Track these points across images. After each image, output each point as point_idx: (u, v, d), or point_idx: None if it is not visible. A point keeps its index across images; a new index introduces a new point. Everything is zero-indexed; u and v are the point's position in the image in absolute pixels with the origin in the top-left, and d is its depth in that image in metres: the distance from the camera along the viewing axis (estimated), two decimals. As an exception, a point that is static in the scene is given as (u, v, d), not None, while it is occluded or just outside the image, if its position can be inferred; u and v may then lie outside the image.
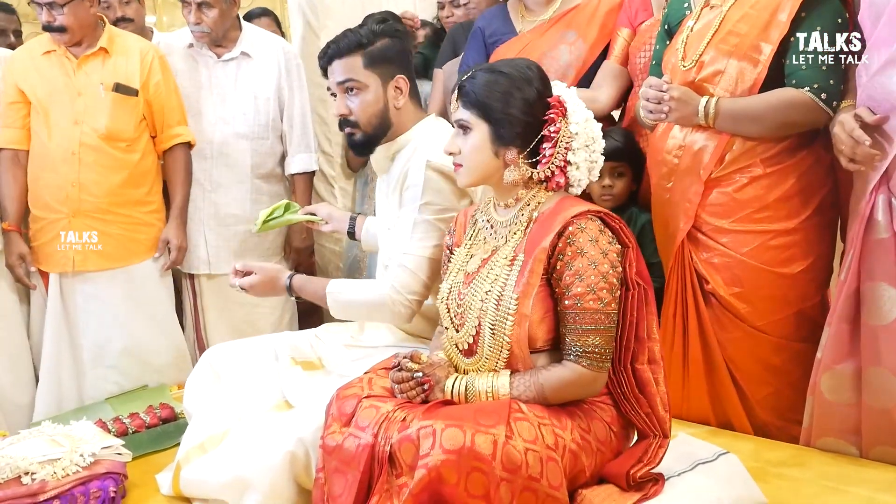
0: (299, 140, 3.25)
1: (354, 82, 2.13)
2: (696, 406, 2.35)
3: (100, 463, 2.05)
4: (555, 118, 1.73)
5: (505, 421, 1.55)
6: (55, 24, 2.77)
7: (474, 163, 1.76)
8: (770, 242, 2.24)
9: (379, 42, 2.14)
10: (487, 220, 1.85)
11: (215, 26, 3.06)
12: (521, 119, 1.72)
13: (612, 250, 1.68)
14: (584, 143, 1.74)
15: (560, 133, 1.72)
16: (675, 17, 2.42)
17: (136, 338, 2.95)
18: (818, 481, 1.97)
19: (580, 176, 1.76)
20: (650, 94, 2.23)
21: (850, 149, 1.94)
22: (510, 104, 1.72)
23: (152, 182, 3.00)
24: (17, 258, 2.84)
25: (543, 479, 1.54)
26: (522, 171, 1.76)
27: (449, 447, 1.49)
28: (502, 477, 1.50)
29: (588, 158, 1.75)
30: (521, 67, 1.76)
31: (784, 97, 2.15)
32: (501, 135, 1.73)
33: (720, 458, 1.87)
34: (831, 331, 2.08)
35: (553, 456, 1.58)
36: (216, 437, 1.99)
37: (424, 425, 1.54)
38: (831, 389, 2.10)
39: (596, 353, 1.66)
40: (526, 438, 1.56)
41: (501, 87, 1.72)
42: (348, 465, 1.65)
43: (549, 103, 1.74)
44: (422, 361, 1.74)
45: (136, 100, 2.91)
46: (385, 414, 1.66)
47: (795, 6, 2.14)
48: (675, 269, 2.34)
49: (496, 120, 1.72)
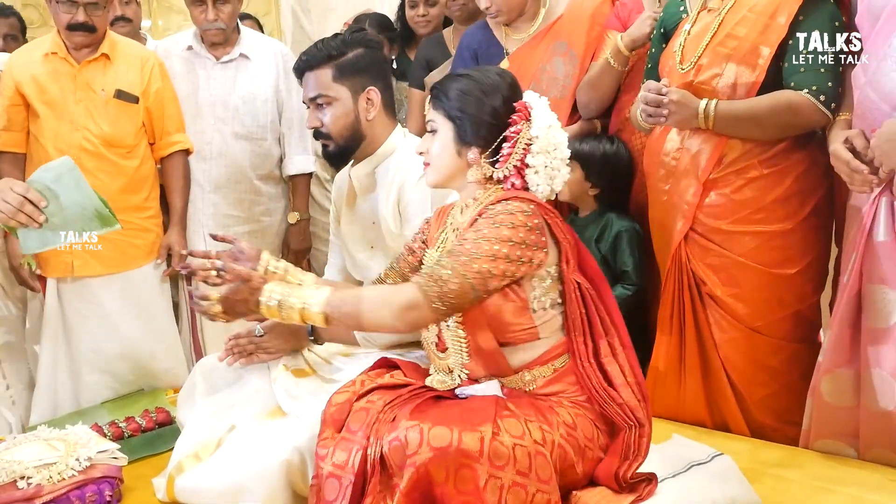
0: (297, 142, 3.26)
1: (324, 97, 2.15)
2: (692, 407, 2.35)
3: (95, 467, 2.04)
4: (517, 121, 1.77)
5: (492, 419, 1.56)
6: (89, 23, 2.76)
7: (440, 162, 1.81)
8: (767, 243, 2.24)
9: (350, 52, 2.16)
10: (452, 223, 1.88)
11: (230, 21, 3.08)
12: (484, 120, 1.77)
13: (521, 228, 1.67)
14: (544, 147, 1.76)
15: (520, 134, 1.76)
16: (671, 20, 2.42)
17: (133, 343, 2.93)
18: (812, 482, 1.97)
19: (538, 181, 1.77)
20: (649, 98, 2.23)
21: (848, 177, 1.96)
22: (473, 105, 1.77)
23: (150, 188, 3.00)
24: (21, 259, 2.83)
25: (532, 474, 1.56)
26: (484, 170, 1.79)
27: (436, 445, 1.50)
28: (490, 473, 1.51)
29: (547, 164, 1.77)
30: (490, 73, 1.82)
31: (783, 99, 2.16)
32: (464, 134, 1.78)
33: (714, 459, 1.87)
34: (832, 334, 2.07)
35: (541, 450, 1.59)
36: (210, 445, 1.98)
37: (412, 425, 1.54)
38: (832, 392, 2.10)
39: (436, 281, 1.62)
40: (513, 434, 1.57)
41: (467, 88, 1.78)
42: (342, 469, 1.66)
43: (514, 108, 1.79)
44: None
45: (136, 107, 2.90)
46: (375, 415, 1.67)
47: (794, 9, 2.14)
48: (673, 270, 2.35)
49: (459, 119, 1.78)
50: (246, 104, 3.16)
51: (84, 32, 2.78)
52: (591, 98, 2.73)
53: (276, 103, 3.21)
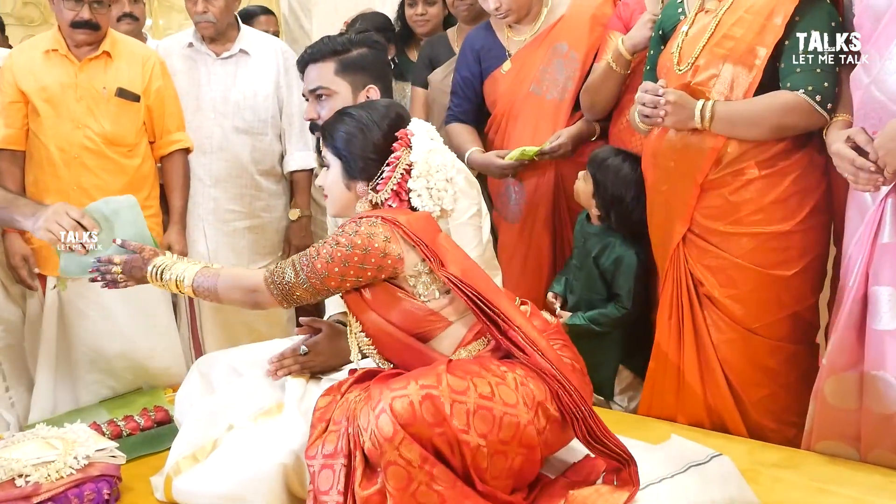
0: (298, 138, 3.26)
1: (324, 89, 2.20)
2: (691, 408, 2.35)
3: (94, 465, 2.04)
4: (398, 148, 1.87)
5: (444, 371, 1.62)
6: (94, 21, 2.76)
7: (333, 195, 1.95)
8: (765, 244, 2.24)
9: (355, 50, 2.20)
10: None
11: (220, 16, 3.07)
12: (367, 157, 1.88)
13: (365, 234, 1.77)
14: (424, 171, 1.86)
15: (399, 160, 1.86)
16: (669, 22, 2.43)
17: (132, 342, 2.93)
18: (811, 483, 1.97)
19: (423, 203, 1.86)
20: (647, 99, 2.24)
21: (853, 175, 1.95)
22: (353, 144, 1.89)
23: (151, 187, 3.00)
24: (20, 259, 2.82)
25: (496, 398, 1.60)
26: (370, 197, 1.90)
27: (396, 387, 1.58)
28: (453, 399, 1.55)
29: (429, 186, 1.86)
30: (374, 109, 1.93)
31: (780, 100, 2.16)
32: (350, 170, 1.91)
33: (713, 459, 1.87)
34: (837, 337, 2.06)
35: (500, 382, 1.63)
36: (207, 447, 1.98)
37: (375, 385, 1.64)
38: (835, 394, 2.09)
39: (277, 271, 1.84)
40: (466, 375, 1.62)
41: (349, 130, 1.90)
42: (333, 457, 1.69)
43: (396, 137, 1.88)
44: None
45: (137, 105, 2.90)
46: (353, 402, 1.72)
47: (790, 10, 2.14)
48: (671, 271, 2.35)
49: (344, 157, 1.91)
50: (246, 99, 3.16)
51: (88, 30, 2.78)
52: (595, 101, 2.74)
53: (277, 99, 3.22)
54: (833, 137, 2.06)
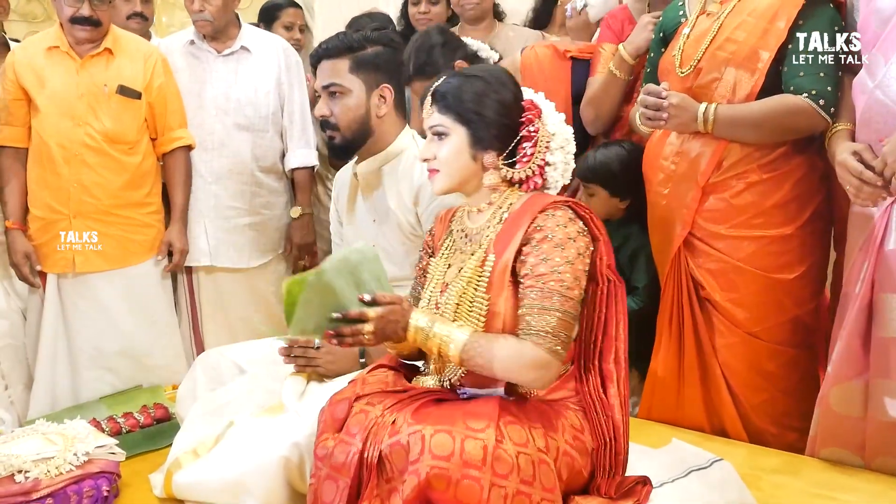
0: (299, 135, 3.26)
1: (337, 86, 2.15)
2: (691, 412, 2.34)
3: (93, 462, 2.04)
4: (532, 119, 1.74)
5: (495, 424, 1.54)
6: (94, 17, 2.76)
7: (453, 168, 1.75)
8: (766, 248, 2.24)
9: (370, 48, 2.16)
10: (461, 229, 1.84)
11: (217, 14, 3.06)
12: (499, 121, 1.73)
13: (580, 239, 1.67)
14: (560, 143, 1.76)
15: (539, 133, 1.73)
16: (669, 24, 2.42)
17: (133, 339, 2.93)
18: (811, 489, 1.97)
19: (557, 177, 1.77)
20: (649, 101, 2.23)
21: (856, 189, 1.95)
22: (487, 106, 1.72)
23: (152, 184, 2.99)
24: (22, 257, 2.82)
25: (536, 483, 1.53)
26: (502, 173, 1.76)
27: (438, 454, 1.48)
28: (493, 482, 1.48)
29: (563, 160, 1.77)
30: (494, 72, 1.79)
31: (782, 103, 2.16)
32: (480, 138, 1.73)
33: (714, 464, 1.87)
34: (842, 345, 2.04)
35: (545, 459, 1.56)
36: (208, 442, 1.98)
37: (414, 431, 1.52)
38: (840, 402, 2.07)
39: (554, 335, 1.61)
40: (516, 442, 1.54)
41: (477, 89, 1.73)
42: (339, 471, 1.64)
43: (523, 106, 1.76)
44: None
45: (138, 102, 2.90)
46: (374, 419, 1.64)
47: (793, 14, 2.14)
48: (671, 275, 2.35)
49: (474, 123, 1.72)
50: (247, 96, 3.16)
51: (88, 26, 2.77)
52: (599, 113, 2.72)
53: (278, 96, 3.21)
54: (839, 148, 2.05)
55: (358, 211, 2.32)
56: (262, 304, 3.26)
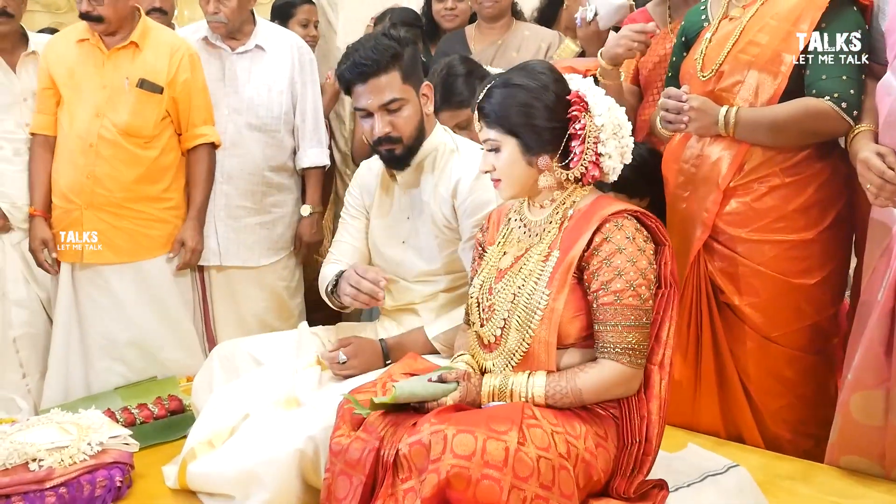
0: (311, 134, 3.24)
1: (399, 101, 2.09)
2: (707, 417, 2.33)
3: (107, 452, 2.05)
4: (578, 115, 1.73)
5: (518, 426, 1.54)
6: (93, 13, 2.77)
7: (512, 177, 1.78)
8: (787, 252, 2.22)
9: (406, 51, 2.11)
10: (520, 219, 1.86)
11: (232, 16, 3.04)
12: (546, 126, 1.74)
13: (648, 248, 1.70)
14: (612, 132, 1.75)
15: (586, 129, 1.73)
16: (692, 28, 2.41)
17: (146, 332, 2.94)
18: (826, 497, 1.96)
19: (614, 164, 1.77)
20: (670, 105, 2.22)
21: (878, 188, 1.93)
22: (532, 115, 1.73)
23: (172, 179, 2.97)
24: (39, 243, 2.84)
25: (555, 488, 1.53)
26: (557, 174, 1.78)
27: (460, 453, 1.48)
28: (513, 485, 1.48)
29: (618, 146, 1.76)
30: (534, 74, 1.77)
31: (804, 106, 2.14)
32: (530, 146, 1.75)
33: (730, 470, 1.86)
34: (862, 352, 2.02)
35: (565, 465, 1.56)
36: (223, 433, 1.98)
37: (436, 430, 1.52)
38: (861, 410, 2.05)
39: (635, 349, 1.67)
40: (538, 446, 1.54)
41: (520, 100, 1.74)
42: (353, 468, 1.64)
43: (569, 101, 1.75)
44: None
45: (159, 97, 2.89)
46: (393, 418, 1.65)
47: (816, 17, 2.13)
48: (691, 278, 2.33)
49: (522, 133, 1.75)
50: (260, 95, 3.14)
51: (92, 22, 2.79)
52: None
53: (291, 95, 3.20)
54: (860, 146, 2.03)
55: (391, 207, 2.30)
56: (274, 300, 3.26)
